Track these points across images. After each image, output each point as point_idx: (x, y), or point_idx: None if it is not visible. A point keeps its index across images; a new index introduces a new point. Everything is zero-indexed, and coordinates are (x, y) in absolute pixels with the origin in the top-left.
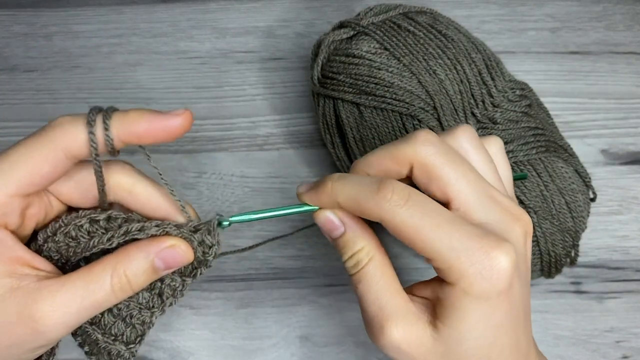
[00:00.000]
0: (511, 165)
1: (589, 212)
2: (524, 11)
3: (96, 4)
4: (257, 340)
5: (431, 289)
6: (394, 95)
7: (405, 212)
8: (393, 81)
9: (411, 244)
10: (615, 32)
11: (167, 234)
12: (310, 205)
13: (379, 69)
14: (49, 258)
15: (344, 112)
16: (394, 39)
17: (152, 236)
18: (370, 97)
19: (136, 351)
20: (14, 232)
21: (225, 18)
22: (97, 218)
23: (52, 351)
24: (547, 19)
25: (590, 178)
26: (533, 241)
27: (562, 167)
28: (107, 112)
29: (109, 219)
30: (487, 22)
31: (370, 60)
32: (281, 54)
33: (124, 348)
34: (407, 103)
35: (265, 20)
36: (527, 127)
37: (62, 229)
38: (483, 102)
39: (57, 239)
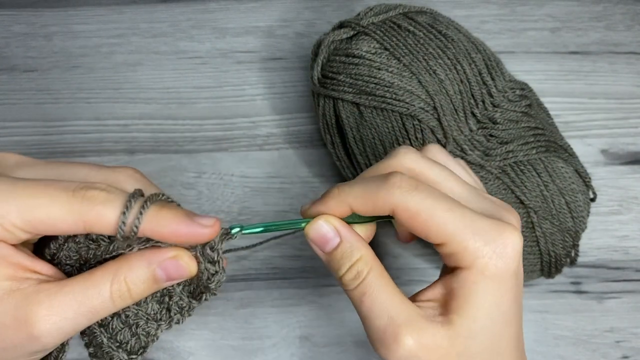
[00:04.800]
0: (511, 165)
1: (589, 212)
2: (524, 11)
3: (96, 4)
4: (257, 340)
5: (440, 287)
6: (394, 95)
7: (417, 197)
8: (393, 81)
9: (424, 229)
10: (615, 32)
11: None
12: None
13: (379, 69)
14: (67, 258)
15: (344, 112)
16: (394, 39)
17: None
18: (370, 97)
19: None
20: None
21: (225, 18)
22: None
23: (62, 348)
24: (547, 19)
25: (590, 178)
26: (533, 241)
27: (562, 167)
28: (144, 207)
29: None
30: (487, 22)
31: (370, 60)
32: (281, 54)
33: (125, 357)
34: (407, 103)
35: (265, 20)
36: (527, 127)
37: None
38: (483, 102)
39: (77, 239)
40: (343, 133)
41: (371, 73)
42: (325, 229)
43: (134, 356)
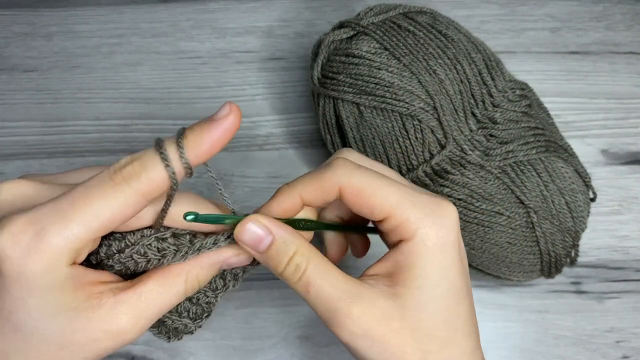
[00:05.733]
0: (511, 165)
1: (589, 212)
2: (524, 11)
3: (96, 4)
4: (257, 340)
5: (385, 262)
6: (394, 95)
7: (359, 175)
8: (393, 81)
9: (369, 205)
10: (615, 32)
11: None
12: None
13: (379, 69)
14: (109, 268)
15: (344, 112)
16: (394, 39)
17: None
18: (370, 97)
19: (202, 324)
20: None
21: (225, 18)
22: (165, 236)
23: None
24: (547, 19)
25: (590, 178)
26: (533, 241)
27: (562, 167)
28: (180, 145)
29: (174, 235)
30: (487, 22)
31: (370, 60)
32: (281, 54)
33: (190, 322)
34: (407, 103)
35: (265, 20)
36: (527, 127)
37: (130, 248)
38: (483, 102)
39: (123, 255)
40: (343, 133)
41: (371, 73)
42: (254, 229)
43: (199, 320)
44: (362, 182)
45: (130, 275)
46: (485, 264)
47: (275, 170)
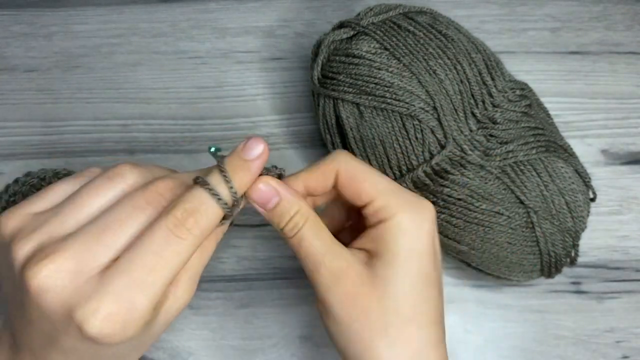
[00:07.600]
0: (511, 165)
1: (589, 212)
2: (524, 11)
3: (96, 4)
4: (257, 340)
5: (364, 237)
6: (394, 95)
7: (355, 162)
8: (393, 81)
9: (358, 189)
10: (615, 32)
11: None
12: None
13: (379, 69)
14: None
15: (344, 112)
16: (394, 39)
17: None
18: (370, 97)
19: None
20: None
21: (225, 18)
22: None
23: None
24: (547, 19)
25: (590, 178)
26: (533, 241)
27: (562, 167)
28: (231, 187)
29: None
30: (487, 22)
31: (370, 60)
32: (281, 54)
33: None
34: (407, 103)
35: (265, 20)
36: (527, 127)
37: None
38: (483, 102)
39: None
40: (343, 133)
41: (371, 73)
42: (265, 189)
43: None
44: (357, 168)
45: None
46: (485, 264)
47: None
